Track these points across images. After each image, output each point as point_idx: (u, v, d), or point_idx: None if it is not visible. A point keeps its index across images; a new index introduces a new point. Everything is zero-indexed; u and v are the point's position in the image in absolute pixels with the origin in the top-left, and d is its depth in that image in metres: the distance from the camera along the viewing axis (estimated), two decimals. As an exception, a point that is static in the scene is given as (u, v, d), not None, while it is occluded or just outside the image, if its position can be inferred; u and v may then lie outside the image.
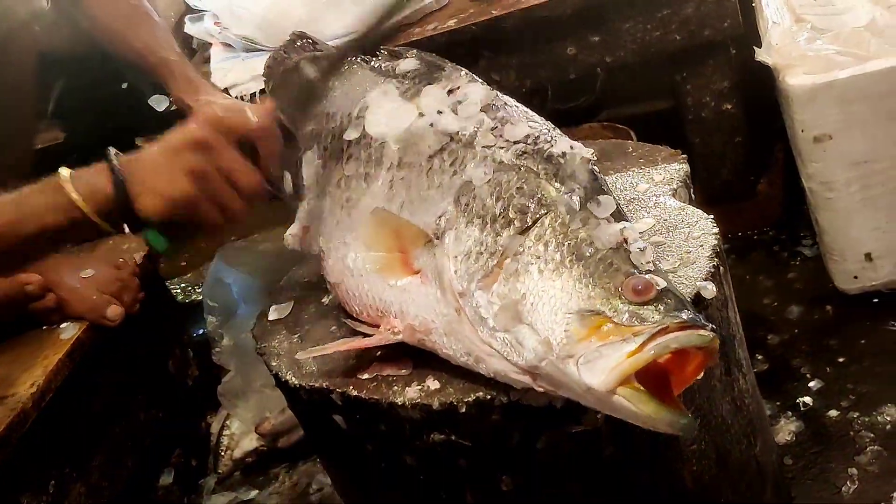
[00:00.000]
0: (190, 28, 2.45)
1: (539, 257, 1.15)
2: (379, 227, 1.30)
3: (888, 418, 1.71)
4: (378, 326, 1.33)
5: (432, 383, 1.27)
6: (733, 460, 1.42)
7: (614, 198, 1.22)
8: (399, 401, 1.26)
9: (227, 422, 2.24)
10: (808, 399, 1.82)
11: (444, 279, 1.21)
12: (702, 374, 1.10)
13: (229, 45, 2.35)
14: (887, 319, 1.94)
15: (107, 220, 1.29)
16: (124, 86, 2.31)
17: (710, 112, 2.24)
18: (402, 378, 1.30)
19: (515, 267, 1.15)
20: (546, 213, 1.18)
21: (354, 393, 1.31)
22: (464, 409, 1.22)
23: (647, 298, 1.08)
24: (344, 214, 1.41)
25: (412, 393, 1.26)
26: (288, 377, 1.40)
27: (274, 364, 1.45)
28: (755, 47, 1.92)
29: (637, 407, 1.03)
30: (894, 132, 1.80)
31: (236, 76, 2.23)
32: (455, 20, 2.15)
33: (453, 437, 1.26)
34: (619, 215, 1.21)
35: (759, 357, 1.96)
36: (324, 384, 1.35)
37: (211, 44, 2.41)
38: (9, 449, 1.61)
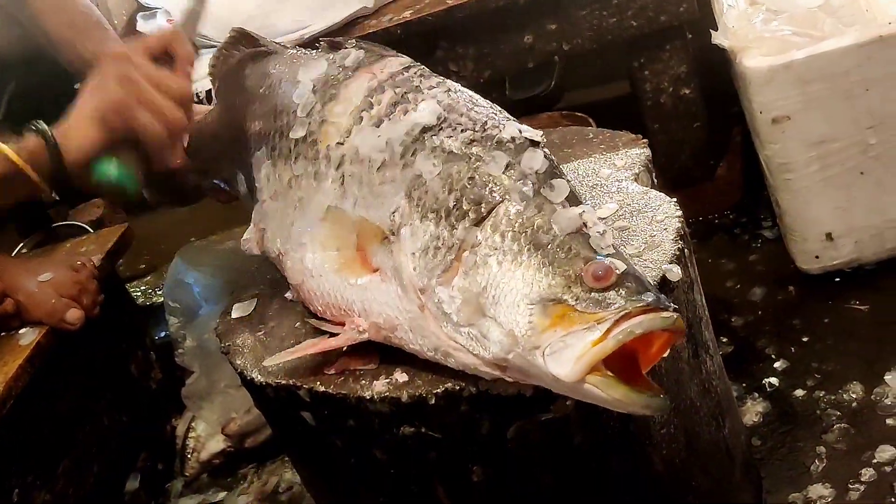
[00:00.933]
0: (142, 26, 2.42)
1: (497, 248, 1.12)
2: (333, 227, 1.28)
3: (853, 395, 1.73)
4: (343, 324, 1.31)
5: (400, 376, 1.26)
6: (703, 443, 1.42)
7: (568, 181, 1.19)
8: (367, 395, 1.25)
9: (193, 424, 2.21)
10: (773, 379, 1.83)
11: (404, 276, 1.19)
12: (668, 351, 1.10)
13: (183, 43, 2.31)
14: (849, 298, 1.96)
15: (45, 178, 1.30)
16: (76, 87, 2.27)
17: (668, 97, 2.24)
18: (370, 372, 1.28)
19: (474, 259, 1.13)
20: (500, 202, 1.16)
21: (321, 389, 1.29)
22: (433, 401, 1.21)
23: (608, 284, 1.07)
24: (298, 215, 1.37)
25: (380, 386, 1.25)
26: (254, 375, 1.38)
27: (239, 363, 1.43)
28: (711, 30, 1.93)
29: (607, 393, 1.03)
30: (852, 111, 1.82)
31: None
32: (411, 11, 2.14)
33: (423, 430, 1.25)
34: (574, 199, 1.18)
35: (724, 339, 1.97)
36: (290, 381, 1.33)
37: (164, 42, 2.37)
38: (-29, 458, 1.58)
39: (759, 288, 2.09)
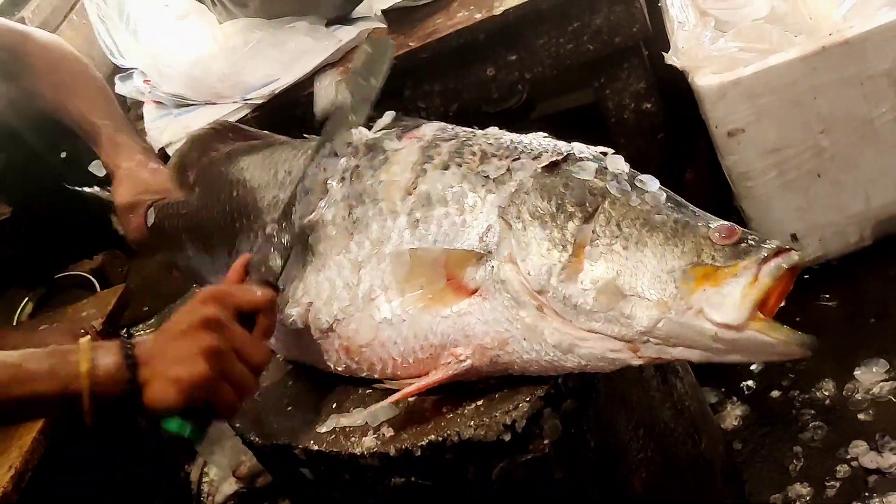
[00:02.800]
0: (120, 87, 2.48)
1: (616, 236, 1.21)
2: (416, 265, 1.31)
3: (826, 393, 1.81)
4: (420, 375, 1.33)
5: (387, 430, 1.33)
6: (680, 461, 1.51)
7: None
8: (358, 451, 1.33)
9: (206, 469, 2.30)
10: (750, 382, 1.91)
11: (515, 284, 1.24)
12: (783, 301, 1.17)
13: (161, 103, 2.38)
14: (818, 293, 2.04)
15: (100, 404, 1.24)
16: (63, 155, 2.35)
17: (630, 113, 2.31)
18: (359, 428, 1.36)
19: (597, 251, 1.21)
20: (603, 199, 1.24)
21: (315, 448, 1.37)
22: (419, 453, 1.29)
23: (737, 239, 1.17)
24: (364, 274, 1.38)
25: (369, 442, 1.33)
26: (252, 438, 1.47)
27: (238, 425, 1.51)
28: (664, 53, 2.01)
29: (772, 336, 1.11)
30: (801, 118, 1.90)
31: (171, 134, 2.27)
32: (375, 55, 2.20)
33: (413, 479, 1.33)
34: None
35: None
36: (286, 441, 1.41)
37: (143, 102, 2.45)
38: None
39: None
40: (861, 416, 1.73)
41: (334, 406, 1.44)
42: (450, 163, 1.37)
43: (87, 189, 1.99)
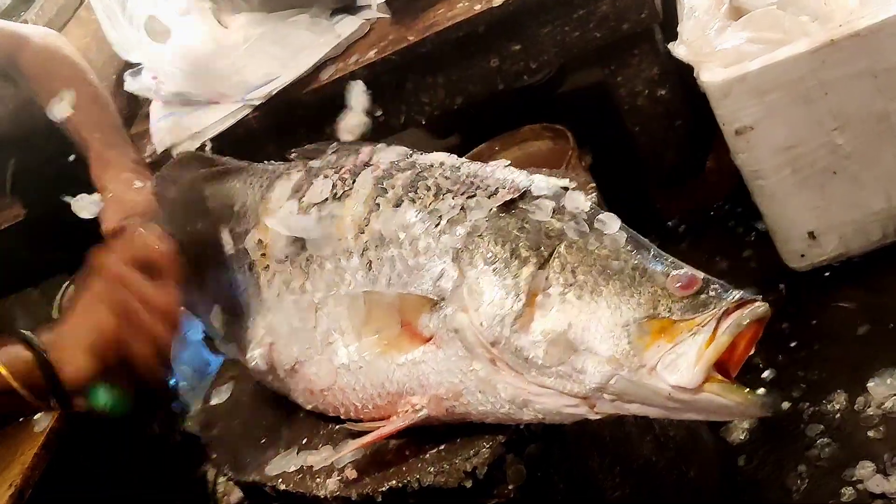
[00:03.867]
0: (130, 84, 2.46)
1: (570, 284, 1.15)
2: (371, 310, 1.27)
3: (837, 406, 1.72)
4: (383, 419, 1.30)
5: (350, 473, 1.31)
6: (666, 493, 1.45)
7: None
8: (322, 494, 1.31)
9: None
10: (760, 391, 1.82)
11: (468, 334, 1.19)
12: (752, 350, 1.11)
13: (168, 101, 2.36)
14: (838, 295, 1.94)
15: (38, 397, 1.27)
16: (71, 158, 2.34)
17: (644, 100, 2.21)
18: (324, 469, 1.34)
19: (549, 301, 1.15)
20: (559, 242, 1.18)
21: (283, 487, 1.36)
22: (380, 499, 1.26)
23: (696, 289, 1.10)
24: (322, 315, 1.36)
25: (332, 485, 1.31)
26: (227, 471, 1.46)
27: (215, 457, 1.51)
28: (670, 44, 1.90)
29: (728, 398, 1.06)
30: (814, 115, 1.78)
31: (175, 136, 2.25)
32: (375, 50, 2.14)
33: (375, 524, 1.31)
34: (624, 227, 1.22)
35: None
36: (256, 478, 1.40)
37: (152, 100, 2.43)
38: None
39: (750, 289, 2.06)
40: (871, 434, 1.64)
41: (304, 441, 1.42)
42: (403, 198, 1.31)
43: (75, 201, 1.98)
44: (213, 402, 1.63)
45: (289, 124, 2.24)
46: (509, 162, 1.35)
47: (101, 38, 2.47)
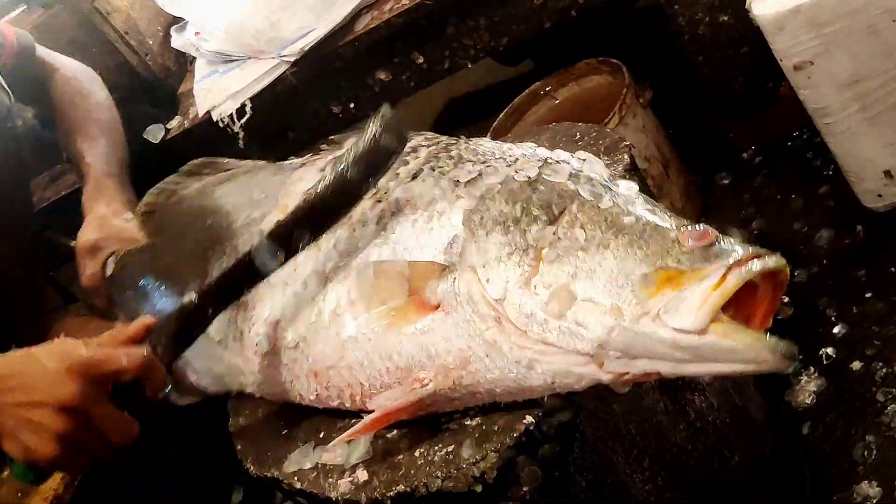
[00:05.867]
0: (176, 41, 2.43)
1: (578, 238, 1.11)
2: (380, 279, 1.23)
3: (914, 368, 1.57)
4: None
5: (361, 473, 1.27)
6: (703, 482, 1.35)
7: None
8: (333, 496, 1.28)
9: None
10: (831, 350, 1.69)
11: (475, 294, 1.14)
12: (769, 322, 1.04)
13: (211, 60, 2.31)
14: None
15: None
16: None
17: (706, 28, 2.03)
18: (338, 467, 1.30)
19: (555, 253, 1.11)
20: (571, 202, 1.14)
21: (298, 486, 1.33)
22: (389, 503, 1.22)
23: (707, 242, 1.05)
24: (329, 290, 1.31)
25: (344, 486, 1.27)
26: (249, 465, 1.44)
27: (239, 448, 1.49)
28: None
29: (735, 339, 0.98)
30: (881, 46, 1.60)
31: (214, 98, 2.21)
32: (409, -4, 2.03)
33: (387, 526, 1.27)
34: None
35: (786, 299, 1.82)
36: (275, 474, 1.38)
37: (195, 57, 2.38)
38: None
39: (825, 230, 1.91)
40: (948, 400, 1.50)
41: (321, 436, 1.38)
42: (423, 166, 1.28)
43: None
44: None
45: (329, 78, 2.16)
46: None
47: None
